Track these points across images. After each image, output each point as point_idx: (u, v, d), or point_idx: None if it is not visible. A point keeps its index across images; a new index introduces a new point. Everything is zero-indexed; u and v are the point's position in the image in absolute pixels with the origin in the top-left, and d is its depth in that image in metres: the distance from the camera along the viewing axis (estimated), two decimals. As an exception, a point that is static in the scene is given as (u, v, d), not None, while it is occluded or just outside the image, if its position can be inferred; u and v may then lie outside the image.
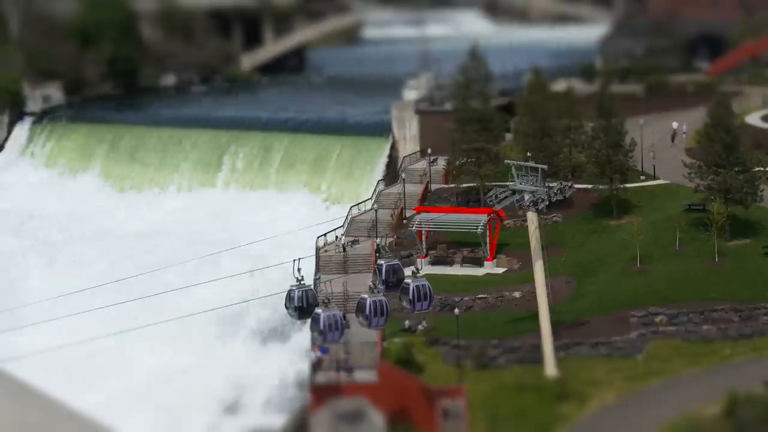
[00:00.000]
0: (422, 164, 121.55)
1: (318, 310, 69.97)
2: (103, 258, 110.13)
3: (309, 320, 70.81)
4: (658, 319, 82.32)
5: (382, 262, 73.55)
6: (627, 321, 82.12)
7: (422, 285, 70.67)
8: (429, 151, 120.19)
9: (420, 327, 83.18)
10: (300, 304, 70.66)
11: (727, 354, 78.68)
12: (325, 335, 69.72)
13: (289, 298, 71.27)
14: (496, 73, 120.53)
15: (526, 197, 79.53)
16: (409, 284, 70.71)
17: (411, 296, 70.45)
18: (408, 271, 72.73)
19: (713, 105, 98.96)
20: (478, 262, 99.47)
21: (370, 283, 73.29)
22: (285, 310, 72.48)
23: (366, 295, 70.65)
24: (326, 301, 71.86)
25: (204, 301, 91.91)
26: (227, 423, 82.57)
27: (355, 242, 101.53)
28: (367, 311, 69.99)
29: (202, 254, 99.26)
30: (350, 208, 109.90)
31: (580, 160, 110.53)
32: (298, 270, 70.23)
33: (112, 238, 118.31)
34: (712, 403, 67.84)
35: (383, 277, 72.52)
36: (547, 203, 79.83)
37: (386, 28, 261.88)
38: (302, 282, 70.98)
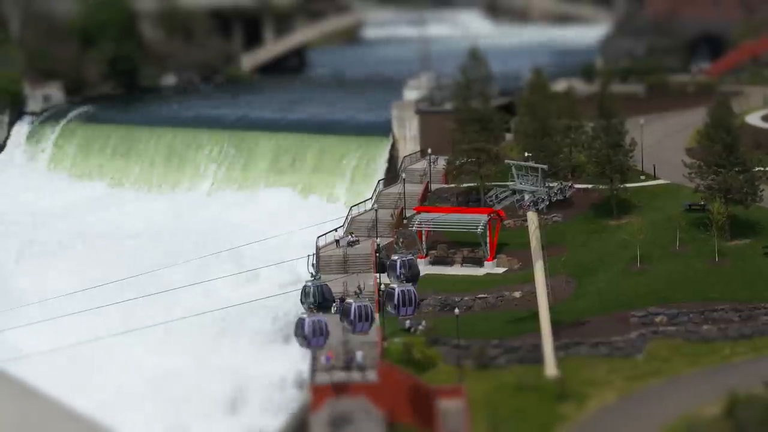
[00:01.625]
0: (422, 164, 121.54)
1: (350, 301, 72.03)
2: (103, 257, 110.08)
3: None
4: (658, 319, 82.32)
5: (396, 257, 75.52)
6: (627, 321, 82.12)
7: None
8: (429, 151, 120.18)
9: (420, 327, 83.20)
10: (315, 300, 71.51)
11: (727, 354, 78.70)
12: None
13: (305, 293, 72.12)
14: (496, 73, 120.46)
15: (526, 197, 79.55)
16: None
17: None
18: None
19: (713, 105, 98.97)
20: (478, 262, 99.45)
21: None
22: (284, 310, 73.02)
23: (351, 300, 71.72)
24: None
25: (204, 301, 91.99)
26: (227, 423, 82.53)
27: (355, 242, 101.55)
28: (352, 316, 71.40)
29: (202, 254, 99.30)
30: (350, 208, 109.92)
31: (580, 160, 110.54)
32: (312, 265, 70.91)
33: (113, 238, 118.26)
34: (712, 403, 67.85)
35: (397, 272, 74.67)
36: (547, 203, 79.89)
37: (386, 28, 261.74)
38: (317, 277, 71.69)
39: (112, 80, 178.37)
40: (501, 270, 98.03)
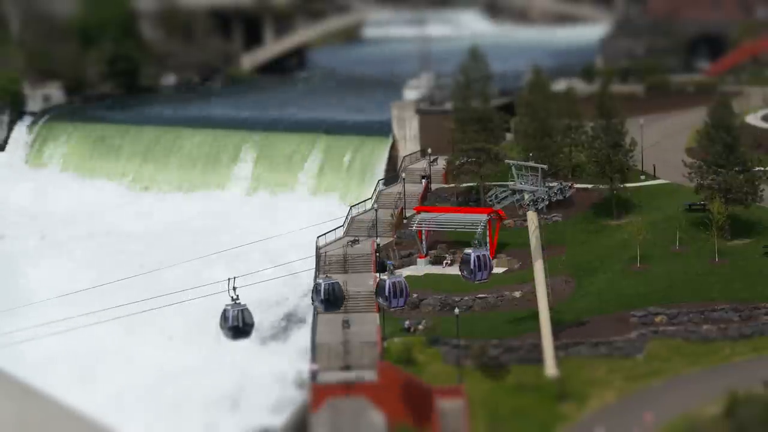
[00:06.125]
0: (422, 164, 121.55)
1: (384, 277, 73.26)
2: (105, 257, 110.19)
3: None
4: (658, 319, 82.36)
5: (471, 251, 75.89)
6: (627, 321, 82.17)
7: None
8: (429, 150, 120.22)
9: (420, 327, 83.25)
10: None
11: (727, 354, 78.74)
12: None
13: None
14: (496, 73, 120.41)
15: (526, 197, 79.57)
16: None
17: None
18: None
19: (713, 105, 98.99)
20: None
21: None
22: (280, 311, 72.64)
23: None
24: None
25: (204, 301, 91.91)
26: (227, 422, 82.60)
27: (355, 242, 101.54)
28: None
29: (204, 254, 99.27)
30: (350, 208, 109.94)
31: (580, 160, 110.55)
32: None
33: (115, 237, 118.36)
34: (712, 403, 67.92)
35: (471, 265, 75.02)
36: (547, 203, 79.89)
37: (386, 28, 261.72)
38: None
39: (111, 80, 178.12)
40: (501, 270, 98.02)
